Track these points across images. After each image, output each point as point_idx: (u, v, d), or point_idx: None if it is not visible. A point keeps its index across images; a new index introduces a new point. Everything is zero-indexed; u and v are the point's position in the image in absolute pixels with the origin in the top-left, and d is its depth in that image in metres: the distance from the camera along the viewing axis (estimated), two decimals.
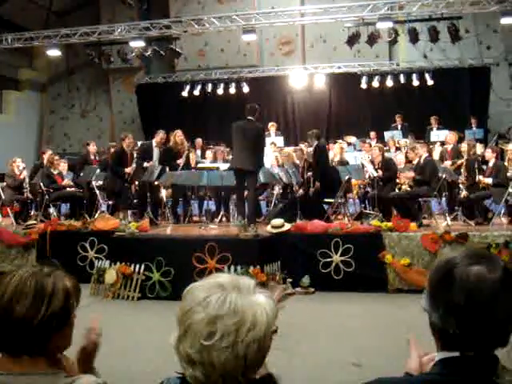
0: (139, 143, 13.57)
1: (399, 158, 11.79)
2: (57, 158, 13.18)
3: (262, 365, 1.74)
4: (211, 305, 1.62)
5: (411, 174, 10.70)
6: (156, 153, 12.33)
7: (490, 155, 10.89)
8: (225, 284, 1.68)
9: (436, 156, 12.35)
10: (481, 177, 10.67)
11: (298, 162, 12.39)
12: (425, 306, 1.72)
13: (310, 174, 11.46)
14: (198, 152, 14.34)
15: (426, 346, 1.88)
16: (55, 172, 12.77)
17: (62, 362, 2.02)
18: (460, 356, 1.64)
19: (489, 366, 1.64)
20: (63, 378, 1.89)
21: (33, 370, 1.86)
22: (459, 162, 11.49)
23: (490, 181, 10.51)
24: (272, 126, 14.79)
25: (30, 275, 1.90)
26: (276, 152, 13.55)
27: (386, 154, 11.85)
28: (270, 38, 19.57)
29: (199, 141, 15.21)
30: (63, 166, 13.33)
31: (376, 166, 11.15)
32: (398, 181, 11.18)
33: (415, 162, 10.85)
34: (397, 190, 11.02)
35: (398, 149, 13.60)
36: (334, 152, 13.01)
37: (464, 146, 11.38)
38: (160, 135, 12.40)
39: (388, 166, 11.07)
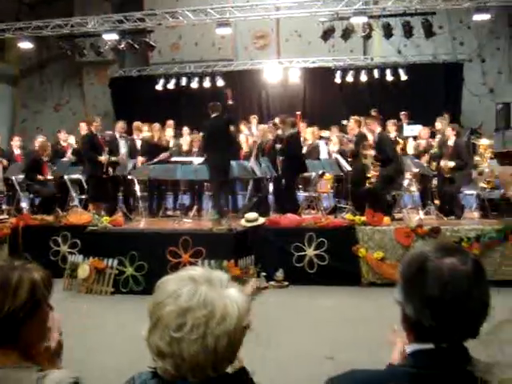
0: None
1: None
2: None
3: (234, 359, 1.74)
4: (182, 297, 1.62)
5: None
6: (122, 144, 12.27)
7: (449, 133, 10.85)
8: (196, 277, 1.68)
9: (410, 151, 12.41)
10: (442, 162, 10.70)
11: (271, 137, 12.36)
12: (398, 299, 1.73)
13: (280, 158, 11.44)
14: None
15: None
16: (45, 159, 12.53)
17: (38, 355, 2.00)
18: (434, 348, 1.65)
19: (461, 358, 1.66)
20: (35, 372, 1.87)
21: (4, 362, 1.86)
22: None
23: (452, 164, 10.58)
24: (253, 119, 14.73)
25: None
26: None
27: None
28: (245, 31, 19.53)
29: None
30: None
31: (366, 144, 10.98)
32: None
33: (371, 139, 10.88)
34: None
35: None
36: (306, 137, 12.98)
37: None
38: (119, 124, 12.46)
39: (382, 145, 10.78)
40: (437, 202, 10.98)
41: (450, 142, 10.77)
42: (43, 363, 2.06)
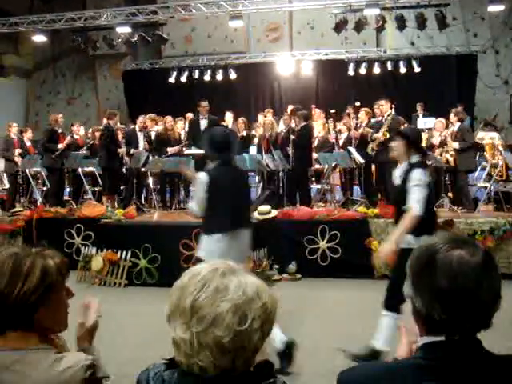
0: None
1: None
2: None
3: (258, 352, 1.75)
4: (232, 292, 1.62)
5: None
6: (141, 138, 12.35)
7: (453, 119, 10.89)
8: (225, 270, 1.68)
9: (424, 143, 12.34)
10: (449, 140, 10.70)
11: (278, 129, 12.36)
12: (408, 293, 1.73)
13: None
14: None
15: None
16: (59, 130, 12.73)
17: (54, 342, 2.08)
18: (445, 340, 1.65)
19: (474, 349, 1.66)
20: (53, 354, 1.95)
21: (23, 345, 1.95)
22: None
23: (456, 145, 10.53)
24: (268, 113, 14.69)
25: (9, 255, 1.98)
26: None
27: None
28: (258, 24, 19.49)
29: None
30: None
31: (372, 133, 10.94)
32: None
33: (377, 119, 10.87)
34: None
35: None
36: (318, 129, 12.94)
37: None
38: (140, 119, 12.52)
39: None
40: (450, 194, 10.92)
41: (454, 128, 10.78)
42: (79, 340, 2.24)
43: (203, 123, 11.51)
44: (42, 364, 1.91)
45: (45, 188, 13.09)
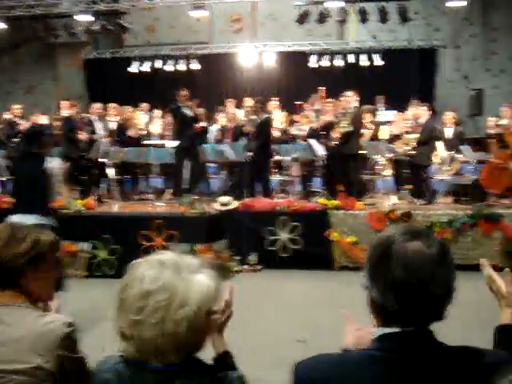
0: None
1: None
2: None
3: (200, 345, 1.74)
4: (145, 280, 1.62)
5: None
6: (99, 127, 12.21)
7: (422, 112, 11.00)
8: (165, 261, 1.68)
9: (385, 136, 12.42)
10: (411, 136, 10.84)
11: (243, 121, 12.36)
12: (365, 283, 1.73)
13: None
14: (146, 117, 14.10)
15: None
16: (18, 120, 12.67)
17: (43, 307, 2.30)
18: (400, 331, 1.65)
19: (426, 341, 1.67)
20: (36, 312, 2.16)
21: (12, 302, 2.15)
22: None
23: (413, 136, 10.68)
24: (230, 103, 14.59)
25: (7, 225, 2.31)
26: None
27: None
28: (221, 14, 19.37)
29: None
30: None
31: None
32: None
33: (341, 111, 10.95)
34: None
35: None
36: (279, 120, 12.93)
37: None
38: (95, 106, 12.71)
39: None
40: (409, 186, 11.03)
41: (421, 120, 10.91)
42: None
43: (186, 111, 11.38)
44: (27, 317, 2.10)
45: (4, 178, 12.79)
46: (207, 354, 1.86)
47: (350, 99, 10.70)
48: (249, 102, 12.87)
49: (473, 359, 1.68)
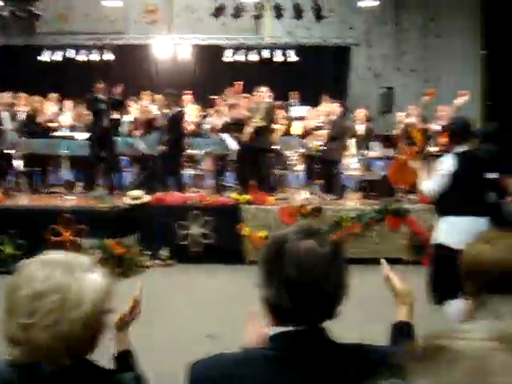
0: None
1: None
2: None
3: (94, 344, 1.70)
4: (35, 281, 1.55)
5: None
6: (6, 116, 11.78)
7: (334, 109, 11.18)
8: (55, 261, 1.62)
9: (298, 132, 12.55)
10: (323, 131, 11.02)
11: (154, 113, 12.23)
12: (258, 282, 1.72)
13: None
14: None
15: None
16: None
17: None
18: (293, 330, 1.66)
19: (319, 339, 1.68)
20: None
21: None
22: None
23: (324, 132, 10.87)
24: (144, 96, 14.33)
25: None
26: None
27: None
28: (136, 4, 19.05)
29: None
30: None
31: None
32: None
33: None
34: None
35: None
36: (192, 114, 12.85)
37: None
38: (4, 96, 12.15)
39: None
40: (320, 181, 11.19)
41: (333, 116, 11.09)
42: None
43: (102, 104, 11.11)
44: None
45: None
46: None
47: (263, 94, 10.75)
48: (161, 95, 12.73)
49: (364, 356, 1.70)
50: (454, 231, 5.35)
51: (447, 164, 5.53)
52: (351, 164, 10.72)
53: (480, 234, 2.08)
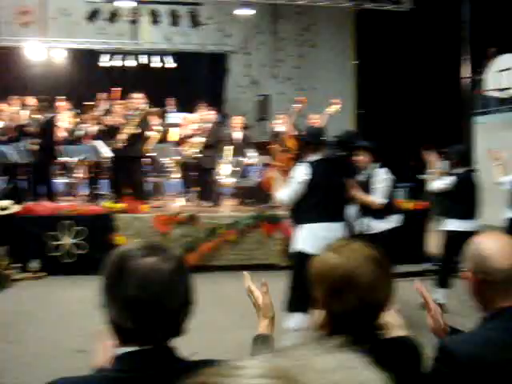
0: None
1: None
2: None
3: None
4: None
5: None
6: None
7: (208, 117, 11.46)
8: None
9: (174, 139, 12.47)
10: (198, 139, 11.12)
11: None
12: (101, 302, 1.67)
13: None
14: None
15: None
16: None
17: None
18: (137, 350, 1.62)
19: (165, 358, 1.65)
20: None
21: None
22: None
23: (201, 139, 10.97)
24: (14, 101, 13.73)
25: None
26: None
27: None
28: (8, 6, 18.31)
29: None
30: None
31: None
32: None
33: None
34: None
35: None
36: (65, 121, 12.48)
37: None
38: None
39: None
40: (197, 189, 11.19)
41: (209, 123, 11.15)
42: None
43: None
44: None
45: None
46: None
47: (139, 101, 10.64)
48: (33, 100, 12.29)
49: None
50: (311, 238, 5.45)
51: (301, 172, 5.64)
52: (227, 171, 10.77)
53: (330, 242, 2.13)
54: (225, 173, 10.73)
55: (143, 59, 17.59)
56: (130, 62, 17.61)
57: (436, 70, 14.97)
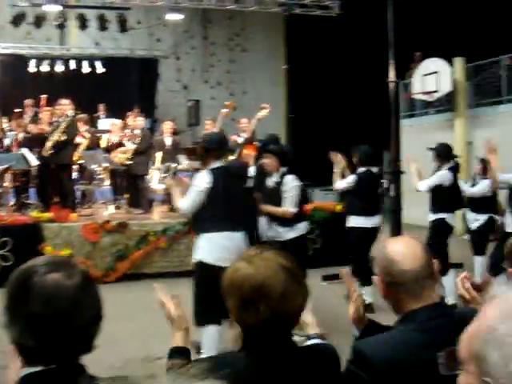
0: None
1: None
2: None
3: None
4: None
5: None
6: None
7: (136, 123, 11.36)
8: None
9: (103, 145, 12.30)
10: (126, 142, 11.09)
11: None
12: (3, 321, 1.62)
13: None
14: None
15: None
16: None
17: None
18: (41, 370, 1.57)
19: (71, 377, 1.60)
20: None
21: None
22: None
23: (132, 146, 10.91)
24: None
25: None
26: None
27: None
28: None
29: None
30: None
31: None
32: None
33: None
34: None
35: None
36: None
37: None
38: None
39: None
40: (127, 195, 11.07)
41: (137, 131, 11.11)
42: None
43: None
44: None
45: None
46: None
47: (66, 107, 10.41)
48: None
49: None
50: (211, 247, 5.32)
51: (202, 180, 5.43)
52: (158, 178, 10.68)
53: (244, 252, 2.12)
54: (155, 179, 10.64)
55: (72, 64, 17.30)
56: (59, 68, 17.29)
57: (365, 73, 15.26)
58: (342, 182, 7.73)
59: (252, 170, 7.02)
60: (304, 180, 7.06)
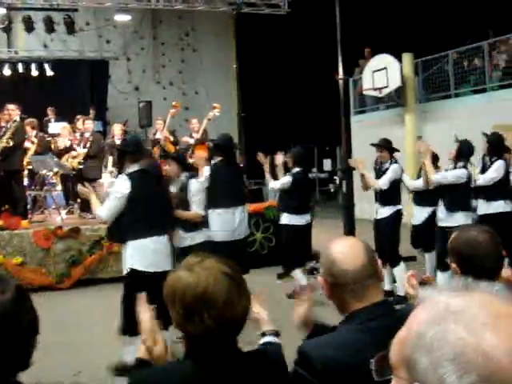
0: None
1: None
2: None
3: None
4: None
5: None
6: None
7: (86, 126, 11.29)
8: None
9: (55, 149, 12.11)
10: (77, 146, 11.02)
11: None
12: None
13: None
14: None
15: None
16: None
17: None
18: None
19: None
20: None
21: None
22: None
23: (84, 150, 10.85)
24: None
25: None
26: None
27: None
28: None
29: None
30: None
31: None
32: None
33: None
34: None
35: None
36: None
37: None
38: None
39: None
40: (79, 200, 10.92)
41: (87, 134, 11.02)
42: None
43: None
44: None
45: None
46: None
47: (13, 112, 10.22)
48: None
49: None
50: (140, 254, 5.18)
51: (122, 186, 5.21)
52: (110, 181, 10.58)
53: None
54: (108, 183, 10.53)
55: (20, 68, 16.98)
56: (6, 71, 16.95)
57: (315, 70, 15.39)
58: (278, 182, 7.98)
59: (206, 171, 7.00)
60: (257, 178, 7.13)
